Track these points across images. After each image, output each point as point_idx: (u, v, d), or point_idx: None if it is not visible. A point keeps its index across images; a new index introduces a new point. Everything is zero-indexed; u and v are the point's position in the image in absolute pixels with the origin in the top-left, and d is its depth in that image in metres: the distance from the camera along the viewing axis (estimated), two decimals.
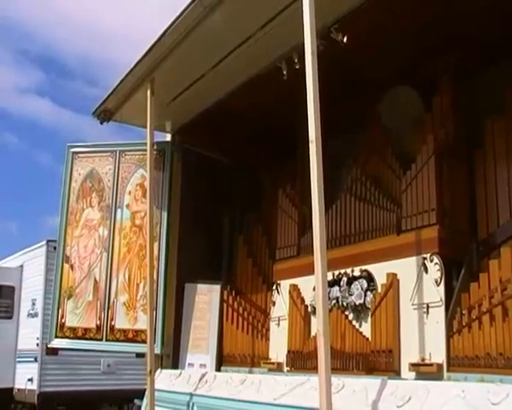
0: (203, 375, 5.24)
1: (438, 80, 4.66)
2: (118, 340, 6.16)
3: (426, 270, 4.20)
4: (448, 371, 3.89)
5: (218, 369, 5.89)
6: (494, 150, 4.33)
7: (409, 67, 4.86)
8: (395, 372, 4.20)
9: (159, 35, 4.66)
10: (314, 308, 4.89)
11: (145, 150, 5.51)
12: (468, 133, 4.49)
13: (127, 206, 6.46)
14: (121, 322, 6.14)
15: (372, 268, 4.67)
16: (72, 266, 6.52)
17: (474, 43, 4.51)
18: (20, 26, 53.90)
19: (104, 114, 5.87)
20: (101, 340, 6.22)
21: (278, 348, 5.42)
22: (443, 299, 4.04)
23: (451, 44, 4.53)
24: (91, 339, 6.27)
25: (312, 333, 5.01)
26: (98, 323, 6.23)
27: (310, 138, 3.23)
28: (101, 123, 5.96)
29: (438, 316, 4.04)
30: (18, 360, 12.12)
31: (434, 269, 4.15)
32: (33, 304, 11.82)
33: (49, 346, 7.04)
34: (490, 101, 4.40)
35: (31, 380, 11.28)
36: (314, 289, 4.42)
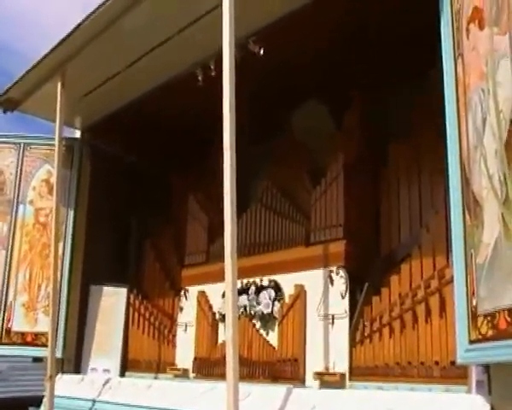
0: (107, 380, 5.15)
1: (349, 101, 4.85)
2: (14, 343, 5.88)
3: (332, 282, 4.38)
4: (350, 380, 4.08)
5: (122, 374, 5.80)
6: (397, 172, 4.56)
7: (323, 85, 5.00)
8: (300, 381, 4.34)
9: (72, 28, 4.51)
10: (222, 316, 4.94)
11: (52, 145, 5.33)
12: (376, 154, 4.69)
13: (30, 202, 6.21)
14: (19, 324, 5.88)
15: (280, 278, 4.78)
16: None
17: (384, 66, 4.73)
18: None
19: (8, 104, 5.60)
20: None
21: (185, 354, 5.42)
22: (347, 311, 4.23)
23: (363, 67, 4.74)
24: None
25: (220, 340, 5.06)
26: None
27: (224, 146, 3.23)
28: (5, 112, 5.72)
29: (342, 327, 4.22)
30: None
31: (340, 282, 4.33)
32: None
33: None
34: (396, 123, 4.63)
35: None
36: (223, 296, 4.49)
